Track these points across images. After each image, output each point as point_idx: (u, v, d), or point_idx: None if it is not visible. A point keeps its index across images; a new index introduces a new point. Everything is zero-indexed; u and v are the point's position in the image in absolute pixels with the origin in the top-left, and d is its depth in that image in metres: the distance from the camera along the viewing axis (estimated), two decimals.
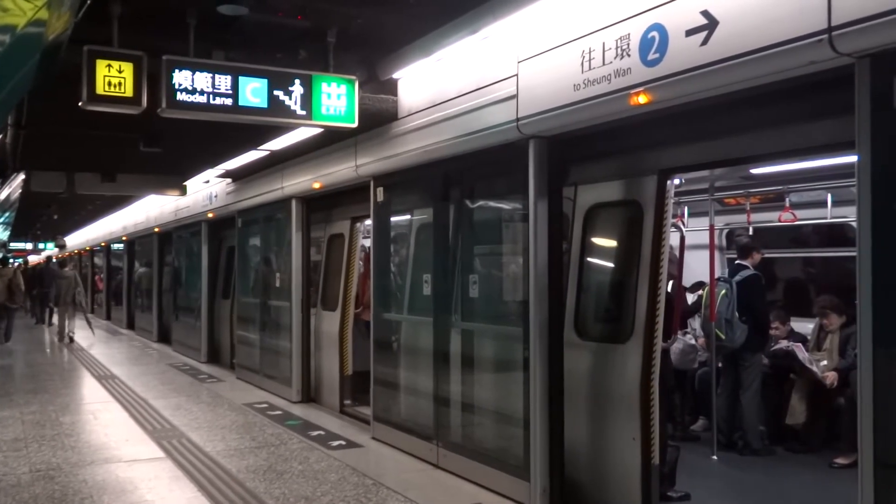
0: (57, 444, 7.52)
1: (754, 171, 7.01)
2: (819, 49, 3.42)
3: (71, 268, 18.93)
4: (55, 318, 19.26)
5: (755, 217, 8.40)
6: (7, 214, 21.17)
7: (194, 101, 5.70)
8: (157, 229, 17.60)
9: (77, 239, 31.83)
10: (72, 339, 17.40)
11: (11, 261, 23.11)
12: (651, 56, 4.27)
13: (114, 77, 5.44)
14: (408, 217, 7.65)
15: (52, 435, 7.95)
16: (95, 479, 6.34)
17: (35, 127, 8.21)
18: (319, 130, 7.24)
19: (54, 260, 26.35)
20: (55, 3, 3.93)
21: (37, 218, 25.23)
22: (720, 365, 7.37)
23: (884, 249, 3.31)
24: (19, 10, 3.45)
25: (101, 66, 5.39)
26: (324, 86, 6.17)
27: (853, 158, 3.44)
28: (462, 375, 6.47)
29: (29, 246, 38.68)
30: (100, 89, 5.40)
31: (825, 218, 7.84)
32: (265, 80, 5.93)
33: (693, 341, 7.60)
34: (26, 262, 38.55)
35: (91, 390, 10.96)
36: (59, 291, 17.56)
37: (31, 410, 9.26)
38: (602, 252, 5.50)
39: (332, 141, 8.18)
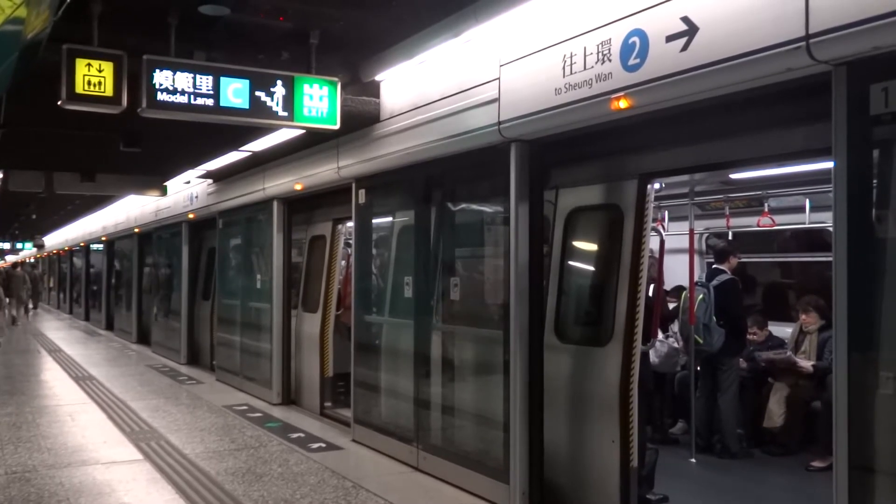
0: (33, 446, 7.44)
1: (734, 175, 7.08)
2: (797, 56, 3.46)
3: (21, 269, 25.38)
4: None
5: (734, 221, 8.47)
6: None
7: (175, 101, 5.68)
8: (137, 230, 17.47)
9: (56, 239, 31.54)
10: (15, 322, 22.18)
11: None
12: (632, 61, 4.30)
13: (94, 76, 5.40)
14: (389, 219, 7.65)
15: (29, 437, 7.86)
16: (72, 482, 6.28)
17: (13, 126, 8.13)
18: (301, 132, 7.22)
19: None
20: (34, 0, 3.90)
21: (15, 217, 25.03)
22: (698, 368, 7.42)
23: (859, 255, 3.35)
24: None
25: (81, 65, 5.36)
26: (306, 87, 6.16)
27: (830, 164, 3.48)
28: (442, 378, 6.47)
29: (7, 246, 38.27)
30: (79, 88, 5.37)
31: (803, 223, 7.93)
32: (247, 81, 5.91)
33: (676, 344, 7.66)
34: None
35: (68, 391, 10.85)
36: (11, 286, 22.67)
37: (7, 412, 9.15)
38: (583, 255, 5.53)
39: (314, 142, 8.16)
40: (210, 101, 5.79)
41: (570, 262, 5.50)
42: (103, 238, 21.53)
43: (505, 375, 5.57)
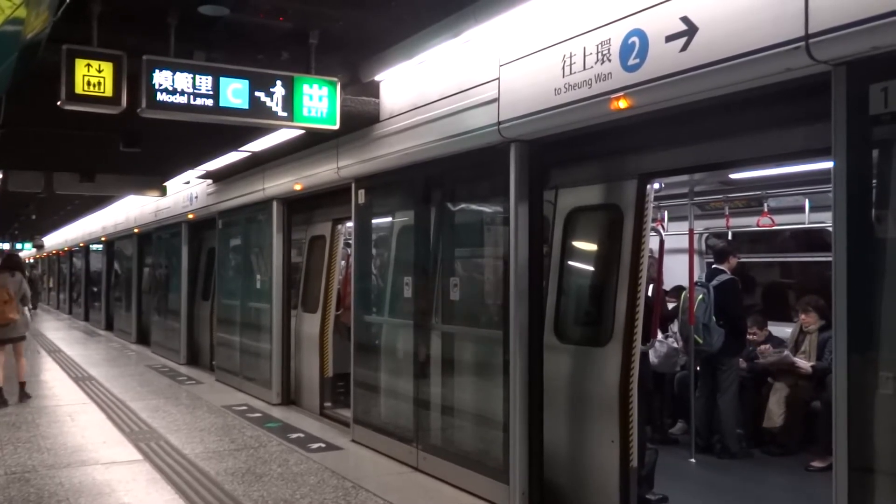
0: (33, 447, 7.44)
1: (733, 175, 7.08)
2: (796, 56, 3.46)
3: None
4: None
5: (734, 221, 8.47)
6: None
7: (175, 101, 5.67)
8: (136, 230, 17.47)
9: (56, 239, 31.54)
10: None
11: None
12: (631, 61, 4.30)
13: (93, 76, 5.40)
14: (389, 219, 7.65)
15: (28, 437, 7.86)
16: (72, 482, 6.28)
17: (13, 126, 8.13)
18: (301, 132, 7.22)
19: None
20: (33, 1, 3.90)
21: (14, 218, 25.02)
22: (698, 368, 7.42)
23: (859, 255, 3.35)
24: None
25: (81, 66, 5.36)
26: (305, 87, 6.16)
27: (830, 164, 3.48)
28: (442, 378, 6.47)
29: (6, 246, 38.27)
30: (79, 89, 5.37)
31: (803, 223, 7.93)
32: (246, 81, 5.91)
33: (676, 344, 7.66)
34: None
35: (68, 392, 10.85)
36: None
37: (6, 412, 9.15)
38: (582, 255, 5.53)
39: (313, 142, 8.16)
40: (210, 102, 5.78)
41: (570, 262, 5.50)
42: (103, 238, 21.52)
43: (505, 375, 5.57)
